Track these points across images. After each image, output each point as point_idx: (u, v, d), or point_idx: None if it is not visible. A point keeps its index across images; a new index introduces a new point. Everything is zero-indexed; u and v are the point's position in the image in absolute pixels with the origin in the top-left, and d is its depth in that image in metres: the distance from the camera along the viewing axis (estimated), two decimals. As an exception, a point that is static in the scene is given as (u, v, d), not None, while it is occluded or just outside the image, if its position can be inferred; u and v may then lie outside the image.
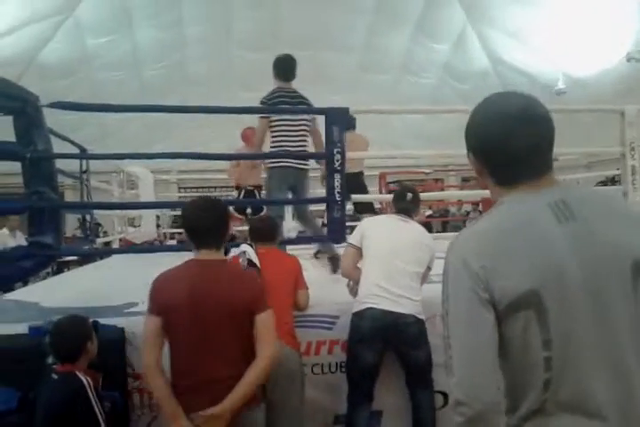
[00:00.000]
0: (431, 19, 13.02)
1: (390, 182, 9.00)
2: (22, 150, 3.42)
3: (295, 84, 4.47)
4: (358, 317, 2.94)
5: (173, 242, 9.19)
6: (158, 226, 9.19)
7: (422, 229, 3.26)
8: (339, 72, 13.90)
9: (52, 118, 3.83)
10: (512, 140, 1.17)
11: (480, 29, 13.15)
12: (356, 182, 5.17)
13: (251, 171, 6.12)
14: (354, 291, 3.13)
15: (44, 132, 3.58)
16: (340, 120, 3.84)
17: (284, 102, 4.19)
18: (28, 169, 3.46)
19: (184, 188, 15.38)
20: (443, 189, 12.55)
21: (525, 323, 1.09)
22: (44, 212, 3.46)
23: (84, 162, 5.79)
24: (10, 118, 3.55)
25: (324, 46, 13.39)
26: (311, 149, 4.37)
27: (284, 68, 4.50)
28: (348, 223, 4.19)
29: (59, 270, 7.45)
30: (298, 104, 4.26)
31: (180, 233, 9.19)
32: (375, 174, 8.39)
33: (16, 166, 3.59)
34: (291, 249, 4.15)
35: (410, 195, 3.26)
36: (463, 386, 1.09)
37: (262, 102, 4.23)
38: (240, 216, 6.34)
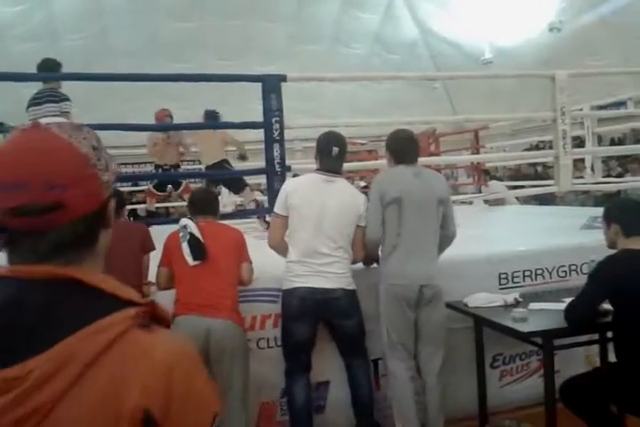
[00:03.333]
0: (360, -12, 12.95)
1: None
2: None
3: (225, 55, 4.37)
4: (288, 294, 2.93)
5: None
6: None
7: (349, 189, 3.13)
8: (270, 43, 13.61)
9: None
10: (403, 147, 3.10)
11: (409, -1, 13.20)
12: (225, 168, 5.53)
13: (167, 149, 6.13)
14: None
15: None
16: (277, 88, 3.77)
17: None
18: None
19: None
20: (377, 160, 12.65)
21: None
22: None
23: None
24: None
25: (253, 16, 13.04)
26: None
27: None
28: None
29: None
30: None
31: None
32: (310, 146, 8.33)
33: None
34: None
35: (336, 149, 2.99)
36: (369, 233, 2.97)
37: None
38: (159, 193, 6.37)
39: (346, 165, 3.36)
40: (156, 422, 0.69)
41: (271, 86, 3.78)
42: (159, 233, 3.27)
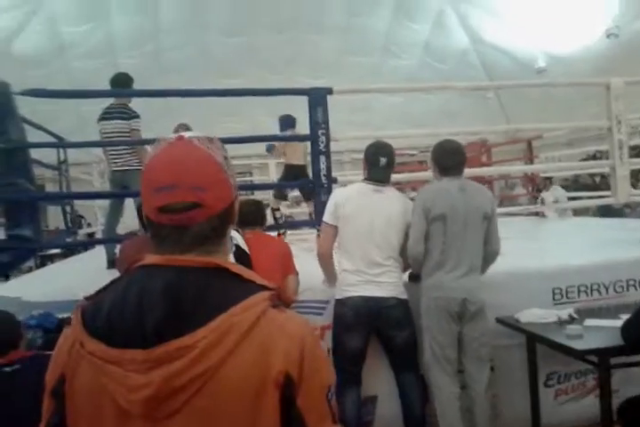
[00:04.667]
0: (409, -2, 12.93)
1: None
2: None
3: (275, 69, 4.46)
4: (341, 304, 2.93)
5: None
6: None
7: (398, 197, 3.09)
8: (319, 55, 13.76)
9: (28, 109, 3.72)
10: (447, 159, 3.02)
11: (459, 8, 13.06)
12: (301, 173, 5.59)
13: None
14: (331, 280, 3.09)
15: (17, 121, 3.49)
16: (323, 101, 3.80)
17: None
18: (2, 159, 3.37)
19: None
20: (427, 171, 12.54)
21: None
22: (21, 204, 3.38)
23: (62, 152, 5.68)
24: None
25: (302, 29, 13.22)
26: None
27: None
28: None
29: (42, 264, 7.35)
30: None
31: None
32: (359, 158, 8.34)
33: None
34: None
35: (383, 160, 3.00)
36: (410, 247, 2.91)
37: None
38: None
39: (396, 177, 3.35)
40: (294, 383, 0.85)
41: (317, 99, 3.81)
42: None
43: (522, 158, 9.63)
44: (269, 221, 4.77)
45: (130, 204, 7.73)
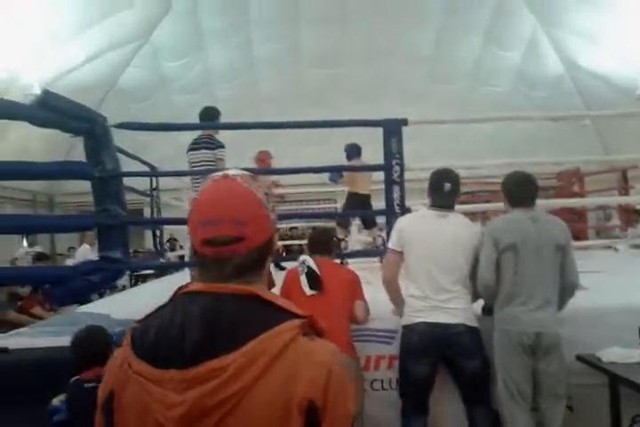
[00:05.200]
0: (500, 25, 12.73)
1: (464, 193, 8.81)
2: (91, 170, 3.61)
3: (363, 98, 4.64)
4: (408, 330, 2.89)
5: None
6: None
7: (464, 222, 3.04)
8: (408, 84, 13.82)
9: (129, 138, 4.00)
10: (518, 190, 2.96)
11: (551, 33, 12.71)
12: (367, 202, 5.80)
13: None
14: (399, 307, 3.05)
15: (111, 152, 3.77)
16: (398, 132, 3.84)
17: None
18: (97, 187, 3.64)
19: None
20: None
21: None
22: (112, 228, 3.62)
23: (154, 180, 6.02)
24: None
25: (392, 58, 13.36)
26: None
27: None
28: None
29: (135, 283, 7.75)
30: None
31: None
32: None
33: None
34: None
35: (448, 185, 2.97)
36: (480, 278, 2.83)
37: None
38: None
39: (486, 206, 3.30)
40: (318, 410, 0.88)
41: (391, 130, 3.87)
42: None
43: (616, 188, 9.15)
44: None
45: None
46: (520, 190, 2.93)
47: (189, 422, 0.86)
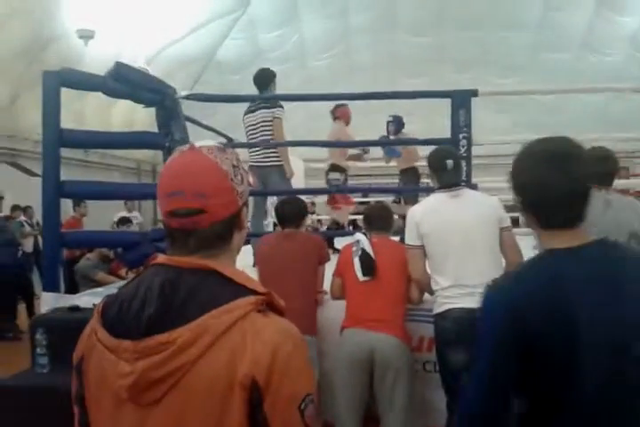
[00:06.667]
0: (616, -12, 11.76)
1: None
2: (162, 140, 3.69)
3: (461, 68, 4.43)
4: (440, 318, 2.71)
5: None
6: (313, 213, 9.27)
7: (477, 197, 2.83)
8: (510, 53, 13.12)
9: (225, 111, 4.02)
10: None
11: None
12: (418, 175, 5.96)
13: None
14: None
15: (180, 122, 3.85)
16: (467, 103, 3.64)
17: None
18: (167, 157, 3.71)
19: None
20: (628, 178, 11.33)
21: None
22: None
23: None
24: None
25: (493, 26, 12.68)
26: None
27: None
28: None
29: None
30: None
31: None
32: (503, 163, 7.73)
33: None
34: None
35: (450, 162, 2.75)
36: None
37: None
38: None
39: None
40: (260, 389, 0.88)
41: (460, 102, 3.68)
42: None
43: None
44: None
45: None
46: (595, 169, 2.63)
47: (138, 391, 0.89)
